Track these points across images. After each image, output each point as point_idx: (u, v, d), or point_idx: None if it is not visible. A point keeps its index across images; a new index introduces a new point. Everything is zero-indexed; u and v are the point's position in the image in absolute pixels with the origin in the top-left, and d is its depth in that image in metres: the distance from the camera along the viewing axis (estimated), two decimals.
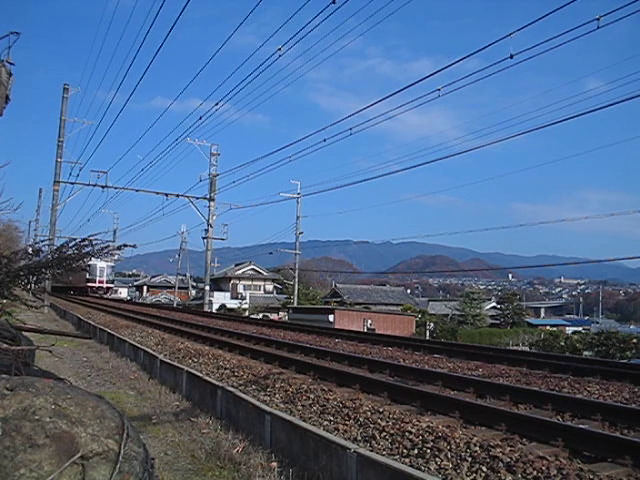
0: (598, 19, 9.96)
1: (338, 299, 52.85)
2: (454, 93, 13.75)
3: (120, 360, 12.66)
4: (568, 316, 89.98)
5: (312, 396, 6.81)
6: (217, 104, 20.84)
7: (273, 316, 46.13)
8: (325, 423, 5.86)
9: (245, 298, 59.18)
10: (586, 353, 24.07)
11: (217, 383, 7.78)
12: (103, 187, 34.22)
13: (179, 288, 67.58)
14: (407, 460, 4.64)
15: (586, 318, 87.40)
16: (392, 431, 5.23)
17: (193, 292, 73.47)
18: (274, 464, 5.21)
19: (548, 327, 50.35)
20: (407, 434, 5.09)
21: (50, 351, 4.16)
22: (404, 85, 14.13)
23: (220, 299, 61.15)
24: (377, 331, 29.27)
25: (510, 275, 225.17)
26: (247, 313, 49.72)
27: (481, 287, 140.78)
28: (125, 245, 7.32)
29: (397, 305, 52.89)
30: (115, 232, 53.13)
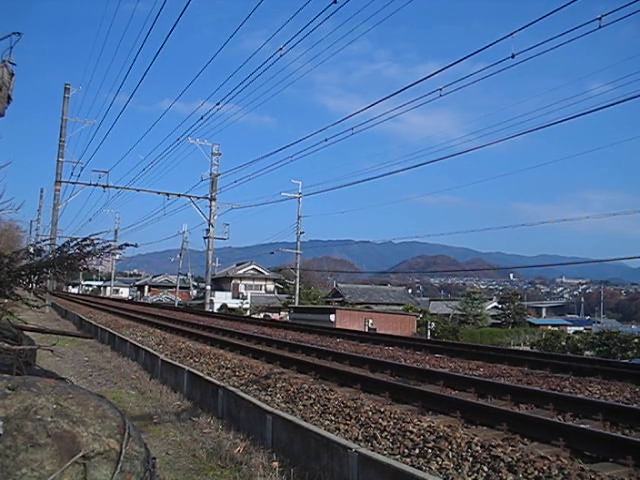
0: (600, 18, 9.96)
1: (339, 299, 52.73)
2: (459, 96, 13.78)
3: (121, 360, 12.67)
4: (569, 316, 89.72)
5: (313, 396, 6.81)
6: (218, 104, 20.85)
7: (274, 316, 46.09)
8: (326, 423, 5.86)
9: (246, 298, 59.12)
10: (587, 353, 24.03)
11: (218, 383, 7.78)
12: (104, 187, 34.31)
13: (180, 288, 67.62)
14: (408, 460, 4.64)
15: (587, 318, 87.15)
16: (393, 431, 5.23)
17: (194, 292, 73.50)
18: (275, 464, 5.21)
19: (549, 327, 50.28)
20: (408, 434, 5.09)
21: (51, 351, 4.16)
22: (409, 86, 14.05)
23: (221, 299, 61.09)
24: (378, 331, 29.24)
25: (511, 275, 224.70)
26: (248, 313, 49.71)
27: (482, 287, 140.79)
28: (126, 244, 7.26)
29: (398, 305, 52.74)
30: (116, 232, 53.33)
